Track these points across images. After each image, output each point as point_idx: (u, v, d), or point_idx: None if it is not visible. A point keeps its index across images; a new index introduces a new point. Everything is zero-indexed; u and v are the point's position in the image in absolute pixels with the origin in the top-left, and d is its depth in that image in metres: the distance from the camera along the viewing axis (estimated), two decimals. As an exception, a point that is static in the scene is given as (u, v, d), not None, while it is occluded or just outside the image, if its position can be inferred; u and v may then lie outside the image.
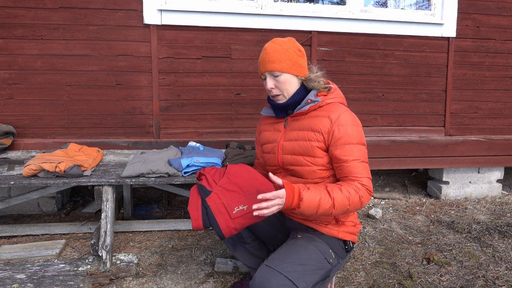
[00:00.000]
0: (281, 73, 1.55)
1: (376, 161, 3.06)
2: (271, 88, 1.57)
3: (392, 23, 3.03)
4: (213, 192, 1.52)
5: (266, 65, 1.55)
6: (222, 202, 1.50)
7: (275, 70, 1.54)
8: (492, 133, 3.32)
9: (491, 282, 1.99)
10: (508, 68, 3.26)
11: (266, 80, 1.58)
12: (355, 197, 1.39)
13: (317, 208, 1.35)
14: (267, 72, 1.56)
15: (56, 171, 2.07)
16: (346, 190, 1.39)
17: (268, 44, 1.59)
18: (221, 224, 1.48)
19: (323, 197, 1.36)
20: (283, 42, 1.58)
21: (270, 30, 2.88)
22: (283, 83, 1.56)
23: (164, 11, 2.74)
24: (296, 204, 1.33)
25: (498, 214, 2.92)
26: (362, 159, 1.48)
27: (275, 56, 1.54)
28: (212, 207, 1.49)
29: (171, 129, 2.90)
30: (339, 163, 1.48)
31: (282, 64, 1.54)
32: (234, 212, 1.48)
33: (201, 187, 1.57)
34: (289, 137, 1.60)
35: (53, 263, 2.09)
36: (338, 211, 1.39)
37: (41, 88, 2.72)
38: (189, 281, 2.00)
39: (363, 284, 1.97)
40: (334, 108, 1.54)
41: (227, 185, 1.55)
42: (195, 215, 1.50)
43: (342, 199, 1.37)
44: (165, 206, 3.11)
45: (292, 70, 1.56)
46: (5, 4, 2.60)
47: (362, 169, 1.46)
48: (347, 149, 1.47)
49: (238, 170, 1.61)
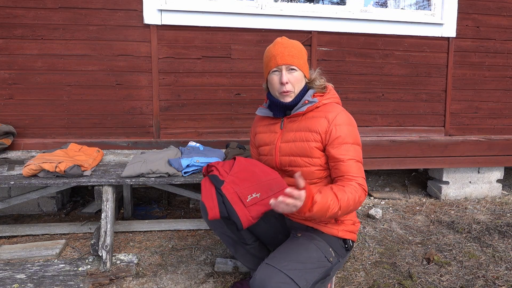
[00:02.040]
0: (298, 70, 1.55)
1: (376, 161, 3.06)
2: (286, 82, 1.53)
3: (392, 23, 3.03)
4: (226, 182, 1.49)
5: (285, 58, 1.52)
6: (235, 191, 1.48)
7: (295, 65, 1.53)
8: (492, 133, 3.32)
9: (491, 282, 1.99)
10: (508, 68, 3.27)
11: (280, 73, 1.54)
12: (356, 197, 1.40)
13: (326, 211, 1.31)
14: (285, 66, 1.53)
15: (56, 171, 2.07)
16: (349, 191, 1.39)
17: (283, 39, 1.59)
18: (239, 212, 1.44)
19: (332, 200, 1.33)
20: (295, 41, 1.60)
21: (270, 30, 2.88)
22: (296, 79, 1.56)
23: (164, 11, 2.74)
24: (309, 207, 1.28)
25: (498, 214, 2.92)
26: (357, 159, 1.50)
27: (294, 52, 1.54)
28: (227, 195, 1.46)
29: (171, 129, 2.90)
30: (336, 162, 1.49)
31: (300, 61, 1.55)
32: (248, 200, 1.46)
33: (214, 177, 1.53)
34: (286, 138, 1.61)
35: (53, 263, 2.09)
36: (343, 212, 1.38)
37: (41, 88, 2.72)
38: (189, 281, 2.00)
39: (363, 284, 1.97)
40: (331, 108, 1.55)
41: (239, 173, 1.53)
42: (211, 204, 1.45)
43: (346, 200, 1.37)
44: (165, 206, 3.11)
45: (304, 70, 1.58)
46: (5, 4, 2.60)
47: (357, 168, 1.48)
48: (344, 148, 1.48)
49: (247, 160, 1.61)
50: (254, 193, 1.48)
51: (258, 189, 1.48)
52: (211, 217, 1.44)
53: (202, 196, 1.49)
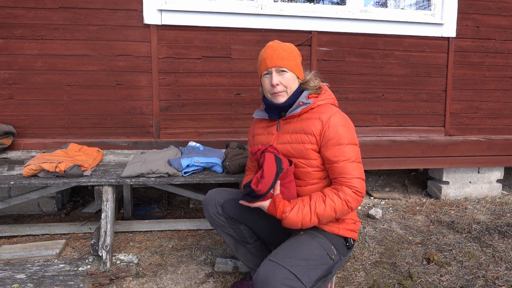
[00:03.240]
0: (288, 71, 1.57)
1: (376, 161, 3.06)
2: (277, 83, 1.56)
3: (392, 23, 3.03)
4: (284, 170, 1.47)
5: (275, 60, 1.55)
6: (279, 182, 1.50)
7: (284, 67, 1.56)
8: (492, 133, 3.32)
9: (491, 282, 1.99)
10: (508, 68, 3.26)
11: (270, 75, 1.58)
12: (340, 205, 1.45)
13: (300, 224, 1.45)
14: (274, 68, 1.56)
15: (56, 171, 2.07)
16: (330, 200, 1.45)
17: (274, 43, 1.62)
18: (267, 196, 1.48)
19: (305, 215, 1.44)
20: (287, 44, 1.63)
21: (270, 30, 2.88)
22: (288, 80, 1.57)
23: (164, 11, 2.74)
24: (279, 217, 1.46)
25: (498, 214, 2.92)
26: (353, 159, 1.50)
27: (283, 54, 1.56)
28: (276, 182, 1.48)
29: (171, 129, 2.90)
30: (330, 163, 1.50)
31: (290, 63, 1.57)
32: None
33: (279, 160, 1.49)
34: (282, 140, 1.61)
35: (53, 263, 2.09)
36: (324, 220, 1.48)
37: (41, 88, 2.72)
38: (189, 281, 2.00)
39: (363, 284, 1.97)
40: (325, 110, 1.56)
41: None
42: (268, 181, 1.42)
43: (325, 211, 1.44)
44: (165, 206, 3.11)
45: (296, 71, 1.60)
46: (5, 4, 2.60)
47: (353, 169, 1.48)
48: (338, 150, 1.49)
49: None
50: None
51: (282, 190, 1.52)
52: (259, 189, 1.42)
53: (265, 167, 1.45)
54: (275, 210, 1.45)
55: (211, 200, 1.71)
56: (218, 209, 1.69)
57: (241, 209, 1.66)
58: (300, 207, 1.45)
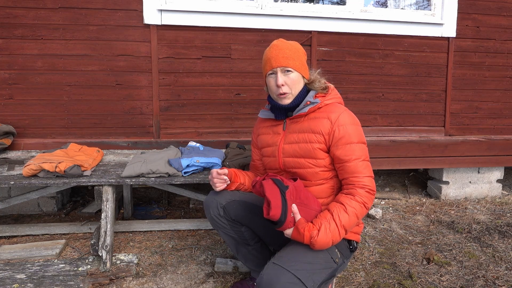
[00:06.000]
0: (294, 71, 1.55)
1: (376, 161, 3.06)
2: (282, 84, 1.53)
3: (392, 23, 3.03)
4: (290, 186, 1.42)
5: (280, 60, 1.52)
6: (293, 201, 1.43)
7: (289, 67, 1.53)
8: (492, 133, 3.32)
9: (491, 282, 1.99)
10: (508, 68, 3.27)
11: (276, 76, 1.54)
12: (360, 208, 1.44)
13: (331, 243, 1.40)
14: (280, 68, 1.53)
15: (56, 171, 2.07)
16: (351, 208, 1.42)
17: (278, 41, 1.58)
18: (288, 219, 1.39)
19: (334, 232, 1.39)
20: (292, 42, 1.60)
21: (270, 30, 2.88)
22: (293, 81, 1.55)
23: (164, 11, 2.74)
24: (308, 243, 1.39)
25: (498, 214, 2.92)
26: (363, 158, 1.49)
27: (289, 53, 1.54)
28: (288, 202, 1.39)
29: (171, 129, 2.90)
30: (341, 163, 1.49)
31: (296, 62, 1.54)
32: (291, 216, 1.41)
33: (278, 181, 1.44)
34: (289, 139, 1.60)
35: (53, 263, 2.09)
36: (350, 229, 1.46)
37: (41, 88, 2.72)
38: (189, 281, 2.00)
39: (363, 284, 1.97)
40: (333, 109, 1.55)
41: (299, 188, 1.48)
42: (276, 203, 1.36)
43: (350, 220, 1.42)
44: (165, 206, 3.11)
45: (302, 71, 1.57)
46: (5, 4, 2.60)
47: (363, 168, 1.48)
48: (348, 149, 1.48)
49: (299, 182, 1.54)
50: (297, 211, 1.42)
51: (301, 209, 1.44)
52: (272, 215, 1.36)
53: (267, 192, 1.38)
54: (301, 237, 1.38)
55: (212, 201, 1.68)
56: (220, 211, 1.66)
57: (243, 211, 1.66)
58: (326, 226, 1.38)
